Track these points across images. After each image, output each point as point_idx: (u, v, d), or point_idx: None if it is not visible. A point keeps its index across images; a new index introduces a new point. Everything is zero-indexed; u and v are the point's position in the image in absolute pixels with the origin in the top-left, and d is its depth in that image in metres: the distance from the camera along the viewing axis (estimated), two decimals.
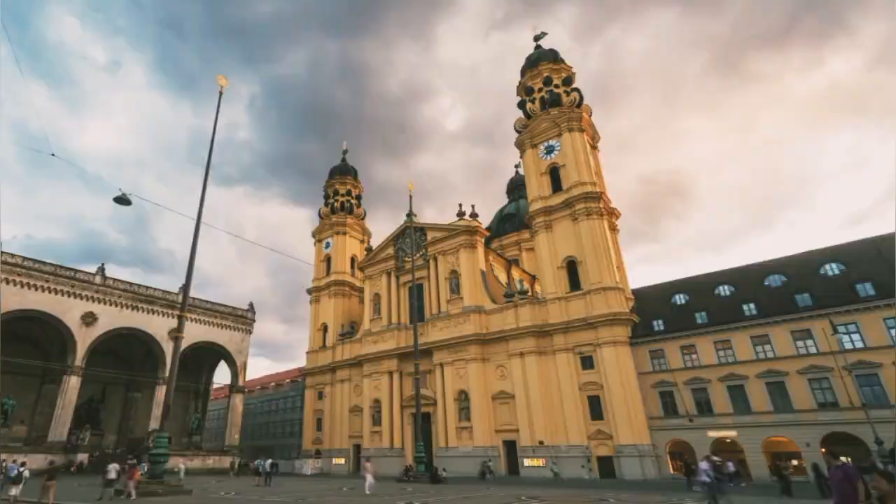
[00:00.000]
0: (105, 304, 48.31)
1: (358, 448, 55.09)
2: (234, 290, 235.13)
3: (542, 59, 55.13)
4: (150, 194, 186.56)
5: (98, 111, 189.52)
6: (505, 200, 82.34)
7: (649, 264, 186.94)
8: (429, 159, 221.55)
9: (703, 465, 19.02)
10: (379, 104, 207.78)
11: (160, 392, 49.04)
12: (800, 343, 34.55)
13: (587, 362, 41.92)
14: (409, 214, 52.29)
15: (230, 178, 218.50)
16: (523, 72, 56.85)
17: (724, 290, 40.93)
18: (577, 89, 52.95)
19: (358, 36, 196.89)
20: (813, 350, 33.83)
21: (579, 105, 51.79)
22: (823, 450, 32.31)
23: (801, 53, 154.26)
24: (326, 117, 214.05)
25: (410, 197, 49.69)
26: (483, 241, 54.34)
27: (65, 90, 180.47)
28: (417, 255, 54.97)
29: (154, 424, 47.55)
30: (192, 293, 26.06)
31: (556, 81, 53.42)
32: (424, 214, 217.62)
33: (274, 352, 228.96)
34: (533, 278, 58.39)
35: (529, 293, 49.78)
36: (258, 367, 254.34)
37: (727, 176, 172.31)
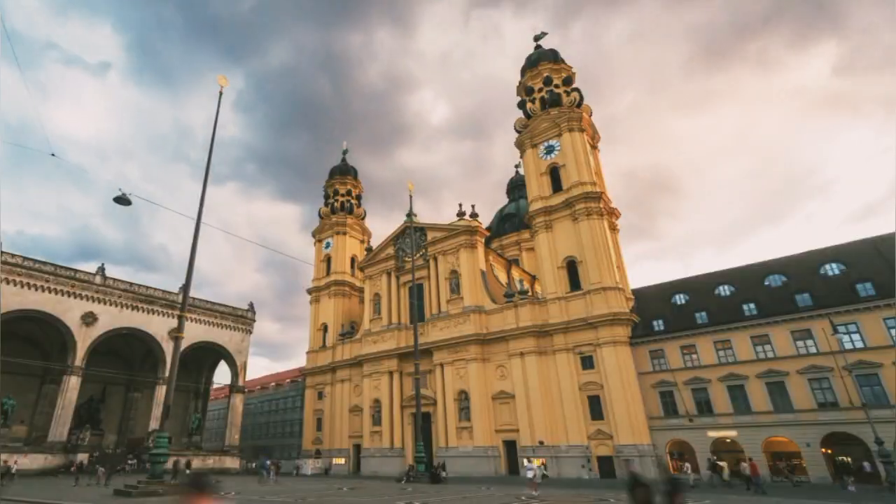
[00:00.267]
0: (105, 304, 48.32)
1: (358, 448, 55.12)
2: (228, 289, 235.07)
3: (542, 59, 55.16)
4: (134, 189, 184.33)
5: (68, 99, 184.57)
6: (505, 200, 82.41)
7: (649, 261, 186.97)
8: (418, 155, 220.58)
9: None
10: (364, 97, 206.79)
11: (160, 392, 49.01)
12: (800, 343, 34.55)
13: (587, 362, 41.92)
14: (410, 214, 52.32)
15: (220, 176, 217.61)
16: (523, 72, 56.88)
17: (724, 290, 40.93)
18: (577, 89, 52.97)
19: (340, 26, 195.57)
20: (813, 350, 33.83)
21: (579, 105, 51.82)
22: (824, 449, 32.39)
23: (789, 45, 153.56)
24: (313, 112, 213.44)
25: (410, 197, 49.77)
26: (483, 241, 54.35)
27: (29, 73, 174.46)
28: (417, 255, 55.00)
29: (154, 424, 47.55)
30: (191, 293, 26.07)
31: (556, 81, 53.46)
32: (416, 211, 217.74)
33: (269, 350, 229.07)
34: (533, 278, 58.40)
35: (529, 293, 49.77)
36: (255, 366, 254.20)
37: (718, 172, 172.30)
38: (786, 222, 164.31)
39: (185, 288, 25.52)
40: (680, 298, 42.76)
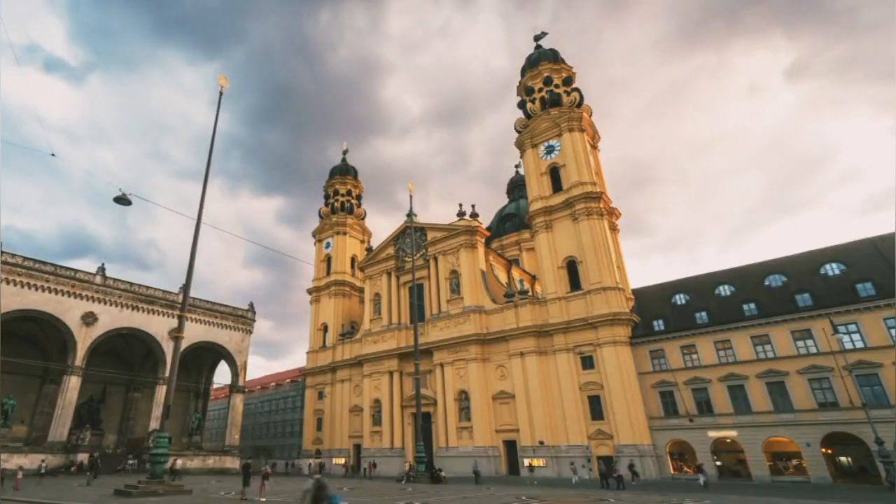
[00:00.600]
0: (105, 303, 48.30)
1: (358, 448, 55.15)
2: (220, 287, 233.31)
3: (542, 59, 55.18)
4: (113, 184, 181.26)
5: (43, 97, 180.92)
6: (504, 200, 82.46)
7: (642, 258, 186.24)
8: (398, 146, 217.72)
9: None
10: (341, 85, 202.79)
11: (160, 392, 49.01)
12: (800, 343, 34.55)
13: (587, 362, 41.93)
14: (410, 214, 52.31)
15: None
16: (523, 72, 56.91)
17: (725, 290, 40.93)
18: (577, 89, 52.97)
19: (311, 10, 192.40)
20: (813, 350, 33.83)
21: (579, 105, 51.82)
22: (824, 449, 32.38)
23: (774, 25, 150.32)
24: (291, 103, 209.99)
25: (411, 197, 49.71)
26: (483, 240, 54.36)
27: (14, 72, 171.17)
28: (417, 254, 55.04)
29: (154, 424, 47.58)
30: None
31: (556, 81, 53.47)
32: (399, 206, 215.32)
33: (262, 348, 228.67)
34: (533, 278, 58.41)
35: (530, 293, 49.80)
36: (250, 364, 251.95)
37: (705, 167, 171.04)
38: (783, 221, 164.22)
39: (186, 288, 25.52)
40: (680, 298, 42.76)
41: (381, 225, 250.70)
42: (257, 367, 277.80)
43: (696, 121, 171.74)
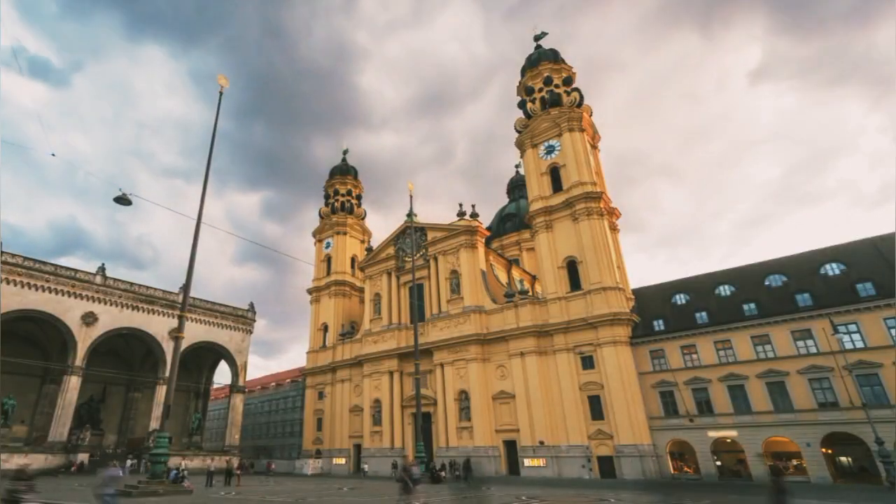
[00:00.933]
0: (105, 304, 48.33)
1: (358, 448, 55.14)
2: (212, 284, 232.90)
3: (542, 59, 55.18)
4: (98, 181, 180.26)
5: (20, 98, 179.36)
6: (505, 200, 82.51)
7: (644, 251, 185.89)
8: (383, 139, 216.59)
9: None
10: (318, 77, 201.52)
11: (160, 392, 49.06)
12: (800, 343, 34.54)
13: (587, 362, 41.92)
14: (410, 214, 52.28)
15: (194, 171, 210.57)
16: (523, 71, 56.92)
17: (725, 290, 40.92)
18: (577, 89, 52.97)
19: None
20: (813, 350, 33.82)
21: (579, 105, 51.82)
22: (824, 449, 32.39)
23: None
24: (273, 98, 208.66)
25: (411, 197, 49.64)
26: (483, 240, 54.36)
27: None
28: (418, 254, 55.04)
29: (154, 424, 47.63)
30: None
31: (556, 81, 53.46)
32: (386, 201, 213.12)
33: (258, 346, 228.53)
34: (533, 278, 58.43)
35: (530, 293, 49.81)
36: (249, 365, 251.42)
37: (696, 162, 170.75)
38: (784, 219, 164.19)
39: (186, 288, 25.55)
40: (680, 298, 42.75)
41: (369, 220, 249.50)
42: (254, 366, 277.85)
43: (685, 113, 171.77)
